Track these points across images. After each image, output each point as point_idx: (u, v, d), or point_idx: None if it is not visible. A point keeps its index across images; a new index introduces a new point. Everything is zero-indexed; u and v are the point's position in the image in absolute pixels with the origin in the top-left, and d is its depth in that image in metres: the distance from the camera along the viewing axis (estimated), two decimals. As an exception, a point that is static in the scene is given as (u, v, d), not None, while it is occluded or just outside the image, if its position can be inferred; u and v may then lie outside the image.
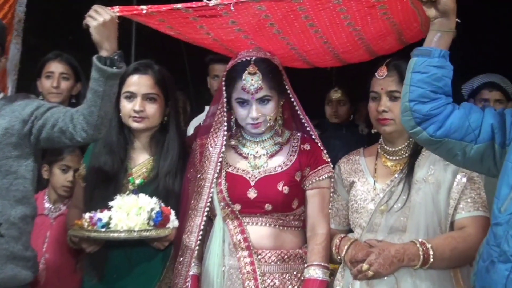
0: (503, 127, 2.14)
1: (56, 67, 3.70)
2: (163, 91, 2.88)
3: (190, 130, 3.96)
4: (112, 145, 2.87)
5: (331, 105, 4.68)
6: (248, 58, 2.68)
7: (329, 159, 2.76)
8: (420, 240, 2.45)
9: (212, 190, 2.68)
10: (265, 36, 2.70)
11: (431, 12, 2.15)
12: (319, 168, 2.74)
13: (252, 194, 2.67)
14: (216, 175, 2.70)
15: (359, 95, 4.47)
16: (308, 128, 2.80)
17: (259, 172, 2.72)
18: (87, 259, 2.81)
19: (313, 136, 2.79)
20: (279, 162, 2.73)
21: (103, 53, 2.48)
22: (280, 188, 2.67)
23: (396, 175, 2.62)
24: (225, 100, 2.74)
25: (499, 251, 2.02)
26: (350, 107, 4.72)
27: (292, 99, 2.77)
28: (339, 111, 4.66)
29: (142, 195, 2.61)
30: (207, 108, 4.03)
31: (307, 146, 2.77)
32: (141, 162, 2.90)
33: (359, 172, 2.72)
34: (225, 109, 2.75)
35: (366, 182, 2.68)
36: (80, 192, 2.93)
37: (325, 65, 3.15)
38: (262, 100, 2.66)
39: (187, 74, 5.50)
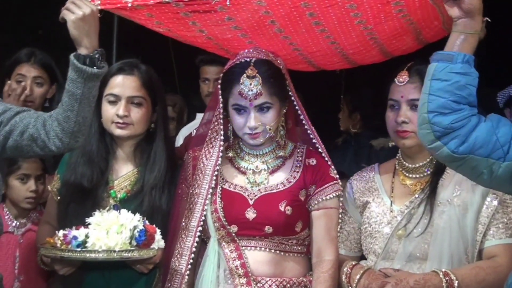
0: None
1: (28, 70, 3.61)
2: (150, 95, 2.86)
3: (180, 140, 3.95)
4: (91, 154, 2.84)
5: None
6: (248, 59, 2.65)
7: (337, 176, 2.72)
8: (443, 270, 2.43)
9: (206, 207, 2.65)
10: (265, 35, 2.68)
11: (453, 11, 2.11)
12: (326, 186, 2.71)
13: (250, 214, 2.64)
14: (211, 190, 2.67)
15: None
16: (314, 140, 2.77)
17: (259, 190, 2.69)
18: (60, 283, 2.77)
19: (319, 150, 2.76)
20: (281, 179, 2.70)
21: (82, 51, 2.45)
22: (282, 209, 2.64)
23: (417, 196, 2.60)
24: (221, 106, 2.70)
25: None
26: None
27: (297, 107, 2.74)
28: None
29: (124, 211, 2.59)
30: (198, 115, 4.15)
31: (312, 161, 2.74)
32: (124, 174, 2.88)
33: (374, 191, 2.71)
34: (221, 116, 2.72)
35: (382, 202, 2.67)
36: (53, 206, 2.90)
37: (333, 67, 3.12)
38: (262, 108, 2.63)
39: (175, 76, 5.49)
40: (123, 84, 2.82)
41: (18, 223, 3.17)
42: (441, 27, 2.61)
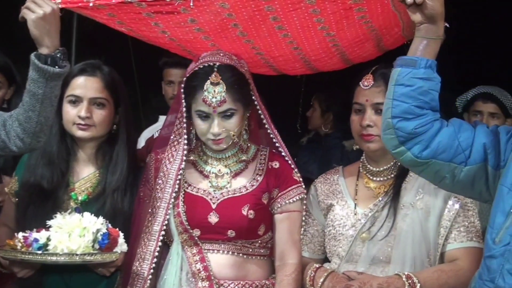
0: (497, 147, 2.11)
1: None
2: (113, 96, 2.83)
3: (141, 143, 3.91)
4: (51, 155, 2.80)
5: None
6: (211, 64, 2.62)
7: (300, 179, 2.72)
8: (406, 273, 2.43)
9: (169, 211, 2.63)
10: (228, 38, 2.68)
11: (416, 17, 2.11)
12: (289, 189, 2.71)
13: (213, 218, 2.63)
14: (174, 194, 2.65)
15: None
16: (277, 144, 2.76)
17: (221, 194, 2.68)
18: (18, 285, 2.73)
19: (282, 153, 2.75)
20: (243, 183, 2.70)
21: (43, 50, 2.42)
22: (244, 213, 2.63)
23: (380, 199, 2.61)
24: (184, 110, 2.68)
25: (494, 287, 1.99)
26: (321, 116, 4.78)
27: (260, 111, 2.74)
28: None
29: (86, 214, 2.56)
30: (161, 118, 4.10)
31: (275, 164, 2.73)
32: (85, 176, 2.85)
33: (338, 194, 2.71)
34: (184, 120, 2.70)
35: (346, 205, 2.67)
36: (10, 208, 2.85)
37: (295, 73, 3.15)
38: (226, 114, 2.62)
39: (135, 77, 5.43)
40: (85, 85, 2.78)
41: None
42: (400, 34, 2.62)
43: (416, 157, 2.10)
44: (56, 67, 2.40)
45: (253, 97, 2.70)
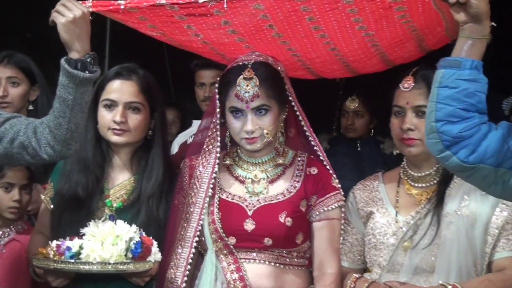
0: None
1: (2, 71, 3.50)
2: (148, 100, 2.80)
3: (175, 148, 3.88)
4: (86, 161, 2.78)
5: (347, 117, 4.60)
6: (246, 63, 2.60)
7: (339, 185, 2.66)
8: (451, 283, 2.37)
9: (202, 217, 2.59)
10: (263, 39, 2.64)
11: (460, 16, 2.04)
12: (328, 196, 2.65)
13: (249, 225, 2.58)
14: (207, 199, 2.61)
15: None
16: (315, 148, 2.71)
17: (257, 200, 2.62)
18: (52, 295, 2.67)
19: (321, 158, 2.70)
20: (281, 189, 2.64)
21: (73, 55, 2.39)
22: (282, 220, 2.57)
23: (423, 206, 2.55)
24: (218, 111, 2.64)
25: None
26: (369, 121, 4.63)
27: (297, 112, 2.68)
28: (355, 124, 4.59)
29: (119, 221, 2.53)
30: (195, 122, 4.05)
31: (314, 170, 2.68)
32: (120, 182, 2.83)
33: (378, 201, 2.66)
34: (218, 122, 2.66)
35: (387, 213, 2.61)
36: (46, 216, 2.83)
37: (333, 75, 3.09)
38: (259, 110, 2.57)
39: (170, 82, 5.38)
40: (120, 89, 2.76)
41: (0, 233, 3.05)
42: (444, 34, 2.55)
43: (462, 162, 2.02)
44: (86, 72, 2.37)
45: (290, 98, 2.65)
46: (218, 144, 2.66)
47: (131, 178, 2.83)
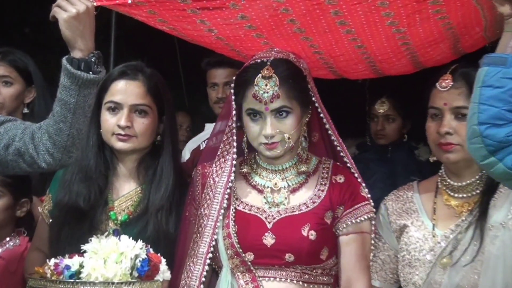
0: None
1: None
2: (156, 102, 2.76)
3: (186, 155, 3.82)
4: (88, 170, 2.74)
5: (377, 121, 4.45)
6: (265, 60, 2.54)
7: (369, 195, 2.58)
8: (496, 304, 2.24)
9: (216, 230, 2.52)
10: (283, 35, 2.59)
11: (505, 9, 2.00)
12: (356, 206, 2.57)
13: (269, 240, 2.51)
14: (222, 211, 2.53)
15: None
16: (342, 154, 2.63)
17: (278, 212, 2.55)
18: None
19: (348, 165, 2.61)
20: (304, 199, 2.57)
21: (76, 54, 2.33)
22: (305, 233, 2.50)
23: (464, 218, 2.48)
24: (234, 114, 2.58)
25: None
26: (402, 125, 4.48)
27: (322, 115, 2.60)
28: (386, 129, 4.43)
29: (124, 237, 2.43)
30: (208, 126, 3.98)
31: (340, 178, 2.59)
32: (125, 193, 2.78)
33: (413, 213, 2.60)
34: (234, 126, 2.59)
35: (423, 226, 2.55)
36: (44, 230, 2.79)
37: (356, 76, 3.05)
38: (279, 112, 2.50)
39: (182, 82, 5.30)
40: (125, 90, 2.71)
41: None
42: (481, 35, 2.52)
43: (509, 169, 1.95)
44: (90, 72, 2.32)
45: (313, 99, 2.57)
46: (234, 150, 2.59)
47: (137, 188, 2.79)
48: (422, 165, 4.02)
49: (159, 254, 2.45)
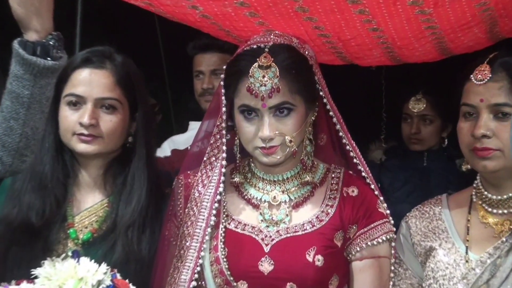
0: None
1: None
2: (128, 96, 2.64)
3: (166, 151, 3.64)
4: (43, 178, 2.62)
5: (411, 123, 4.25)
6: (262, 45, 2.41)
7: (388, 212, 2.42)
8: None
9: (202, 254, 2.39)
10: (283, 15, 2.51)
11: None
12: (372, 225, 2.44)
13: (266, 266, 2.38)
14: (209, 230, 2.38)
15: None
16: (355, 160, 2.47)
17: (277, 232, 2.42)
18: None
19: (363, 174, 2.45)
20: (309, 216, 2.44)
21: (31, 36, 2.25)
22: (310, 258, 2.37)
23: (504, 239, 2.36)
24: (224, 111, 2.42)
25: None
26: (441, 128, 4.28)
27: (331, 113, 2.44)
28: (422, 132, 4.23)
29: (84, 260, 2.32)
30: (193, 125, 3.82)
31: (353, 190, 2.45)
32: (89, 206, 2.64)
33: (442, 233, 2.48)
34: (224, 126, 2.44)
35: (453, 249, 2.43)
36: None
37: (369, 62, 2.98)
38: (280, 110, 2.36)
39: (164, 70, 5.09)
40: (89, 81, 2.59)
41: None
42: None
43: None
44: (48, 58, 2.24)
45: (321, 93, 2.41)
46: (224, 155, 2.48)
47: (103, 201, 2.66)
48: (463, 177, 3.80)
49: (127, 281, 2.34)
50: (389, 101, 4.26)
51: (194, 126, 3.62)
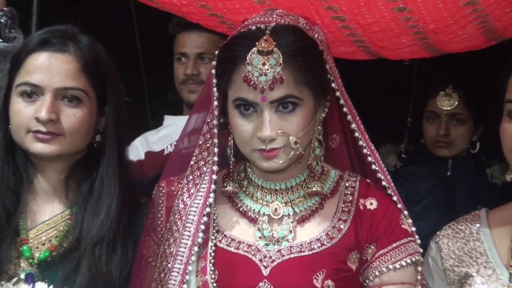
0: None
1: None
2: (96, 86, 2.47)
3: (139, 152, 3.49)
4: None
5: (438, 123, 4.05)
6: (262, 26, 2.25)
7: (413, 229, 2.26)
8: None
9: (187, 278, 2.25)
10: None
11: None
12: (395, 245, 2.27)
13: None
14: (196, 249, 2.26)
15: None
16: (374, 166, 2.30)
17: (279, 251, 2.27)
18: None
19: (383, 183, 2.30)
20: (317, 233, 2.29)
21: None
22: (318, 284, 2.23)
23: None
24: (216, 104, 2.26)
25: None
26: (472, 130, 4.11)
27: (345, 109, 2.28)
28: (452, 134, 4.05)
29: (41, 284, 2.24)
30: (168, 120, 3.72)
31: (371, 203, 2.30)
32: (47, 218, 2.47)
33: (480, 256, 2.34)
34: (215, 123, 2.26)
35: (494, 276, 2.29)
36: None
37: (399, 55, 2.85)
38: (283, 105, 2.21)
39: (139, 55, 4.95)
40: (48, 68, 2.41)
41: None
42: None
43: None
44: (0, 40, 2.18)
45: (333, 85, 2.24)
46: (215, 158, 2.31)
47: (65, 212, 2.48)
48: (495, 190, 3.68)
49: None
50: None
51: (169, 122, 3.50)
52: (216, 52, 2.36)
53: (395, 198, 2.33)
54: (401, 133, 4.08)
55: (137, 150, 3.51)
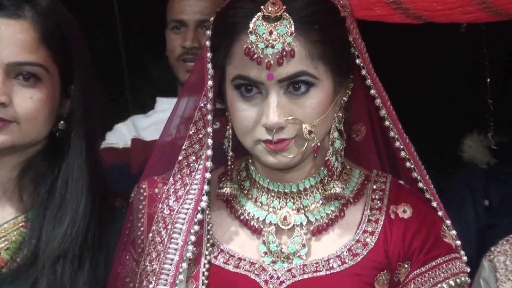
0: None
1: None
2: (59, 60, 2.27)
3: (125, 136, 3.33)
4: None
5: None
6: None
7: (459, 242, 2.09)
8: None
9: None
10: None
11: None
12: (435, 263, 2.10)
13: None
14: (184, 265, 2.08)
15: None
16: (409, 164, 2.09)
17: (288, 271, 2.08)
18: None
19: (420, 184, 2.09)
20: (337, 247, 2.12)
21: None
22: None
23: None
24: (211, 84, 2.05)
25: None
26: None
27: (373, 91, 2.09)
28: None
29: None
30: (162, 103, 3.57)
31: (405, 210, 2.11)
32: None
33: None
34: (210, 108, 2.05)
35: None
36: None
37: (450, 18, 2.71)
38: (295, 85, 2.02)
39: (118, 30, 4.78)
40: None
41: None
42: None
43: None
44: None
45: (358, 61, 2.05)
46: (209, 152, 2.10)
47: (18, 218, 2.30)
48: None
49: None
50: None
51: (163, 106, 3.31)
52: (212, 19, 2.11)
53: (435, 204, 2.14)
54: (482, 120, 3.75)
55: (123, 136, 3.34)
